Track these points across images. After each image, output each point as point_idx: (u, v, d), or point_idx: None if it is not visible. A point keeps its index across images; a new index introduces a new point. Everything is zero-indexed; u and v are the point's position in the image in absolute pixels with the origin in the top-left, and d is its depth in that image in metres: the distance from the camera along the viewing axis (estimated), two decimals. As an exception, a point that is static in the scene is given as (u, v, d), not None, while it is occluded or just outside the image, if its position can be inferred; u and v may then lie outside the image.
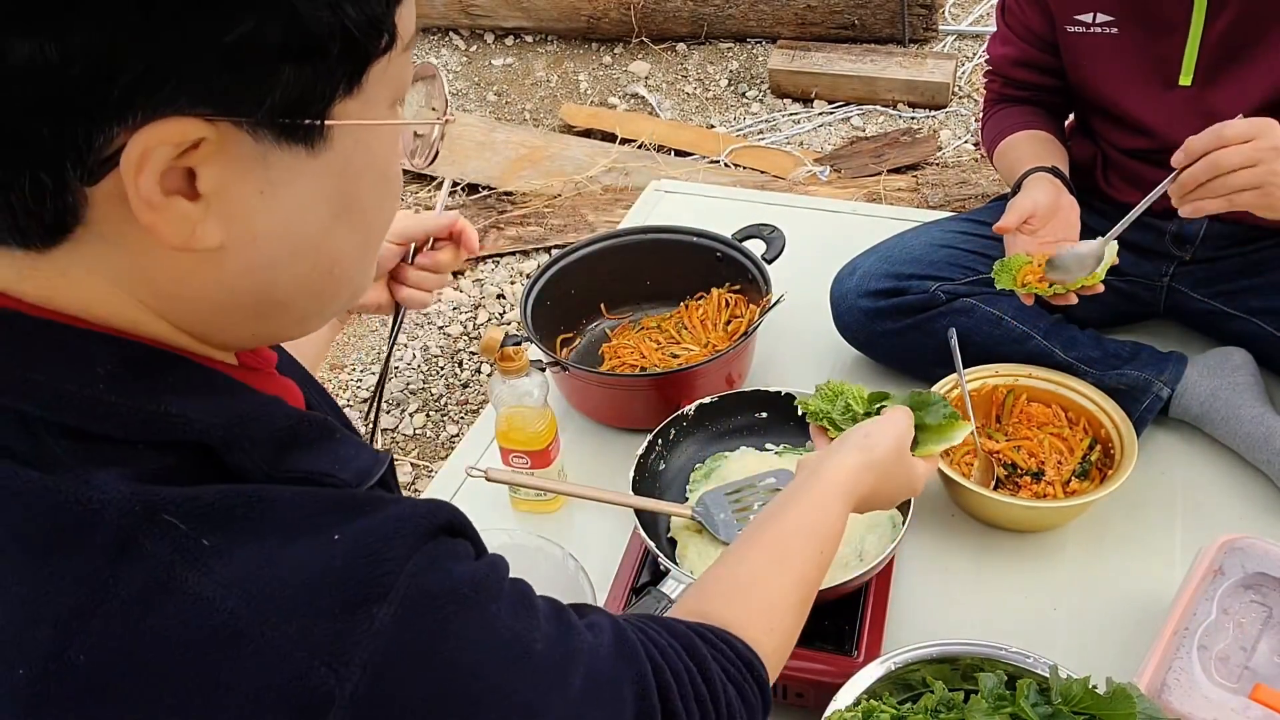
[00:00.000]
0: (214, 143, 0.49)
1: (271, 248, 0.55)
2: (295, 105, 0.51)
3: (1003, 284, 1.44)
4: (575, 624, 0.65)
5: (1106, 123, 1.59)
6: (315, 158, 0.54)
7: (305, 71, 0.50)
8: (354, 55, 0.52)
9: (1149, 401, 1.51)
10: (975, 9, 4.03)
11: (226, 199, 0.52)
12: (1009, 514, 1.41)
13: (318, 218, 0.57)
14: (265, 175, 0.53)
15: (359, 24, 0.51)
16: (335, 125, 0.54)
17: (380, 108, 0.57)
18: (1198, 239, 1.57)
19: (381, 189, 0.60)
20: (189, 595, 0.48)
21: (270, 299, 0.58)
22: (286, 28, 0.48)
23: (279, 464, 0.56)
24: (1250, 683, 1.10)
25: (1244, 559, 1.18)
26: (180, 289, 0.55)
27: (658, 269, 1.79)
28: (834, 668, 1.16)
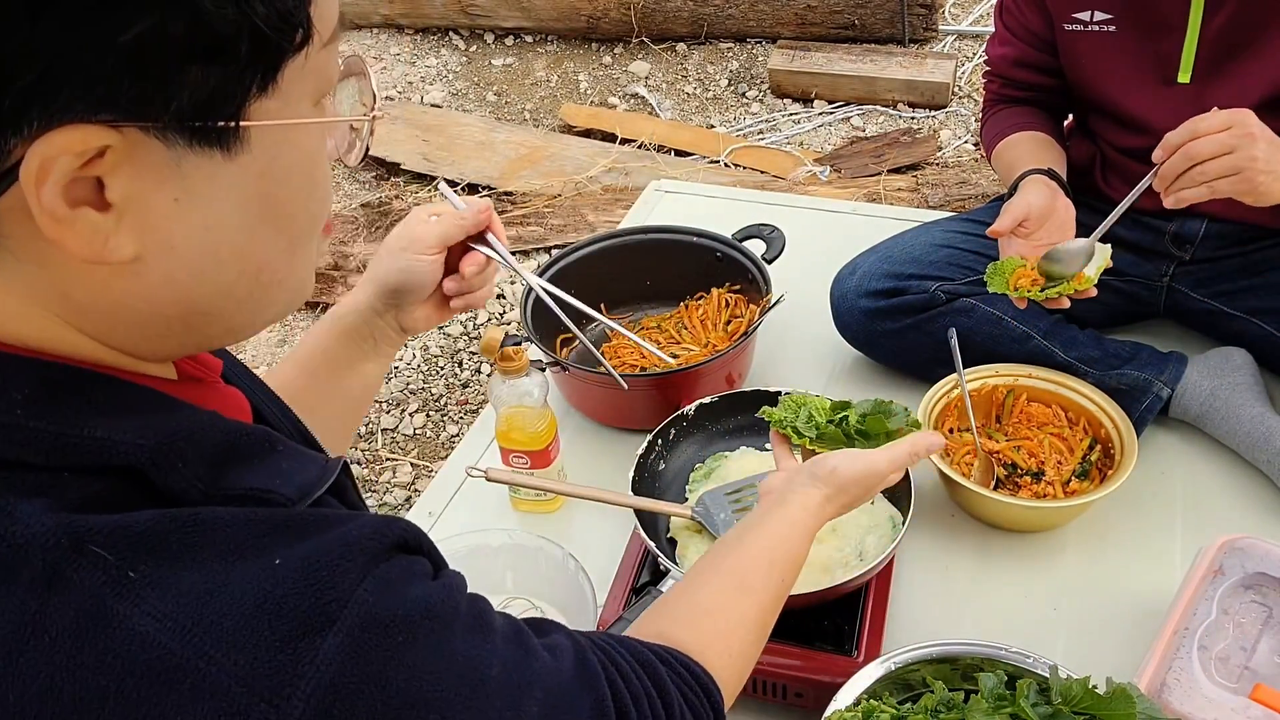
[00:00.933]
0: (121, 150, 0.47)
1: (192, 257, 0.53)
2: (206, 107, 0.49)
3: (995, 287, 1.44)
4: (534, 647, 0.63)
5: (1105, 122, 1.59)
6: (232, 160, 0.51)
7: (214, 71, 0.48)
8: (266, 53, 0.50)
9: (1149, 401, 1.51)
10: (975, 9, 4.03)
11: (139, 208, 0.49)
12: (1009, 514, 1.41)
13: (239, 222, 0.54)
14: (180, 182, 0.50)
15: (269, 20, 0.49)
16: (252, 126, 0.51)
17: (301, 106, 0.54)
18: (1197, 239, 1.57)
19: (308, 190, 0.58)
20: (121, 629, 0.46)
21: (196, 309, 0.55)
22: (190, 26, 0.46)
23: (215, 483, 0.53)
24: (1250, 683, 1.10)
25: (1244, 559, 1.18)
26: (99, 303, 0.52)
27: (658, 269, 1.79)
28: (834, 668, 1.16)
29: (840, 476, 1.00)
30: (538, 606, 1.32)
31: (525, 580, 1.34)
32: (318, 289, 2.94)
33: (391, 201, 3.34)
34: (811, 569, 1.26)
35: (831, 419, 1.13)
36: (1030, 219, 1.47)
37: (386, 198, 3.38)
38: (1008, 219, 1.46)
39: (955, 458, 1.45)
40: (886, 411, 1.14)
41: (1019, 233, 1.48)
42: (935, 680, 1.07)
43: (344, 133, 0.64)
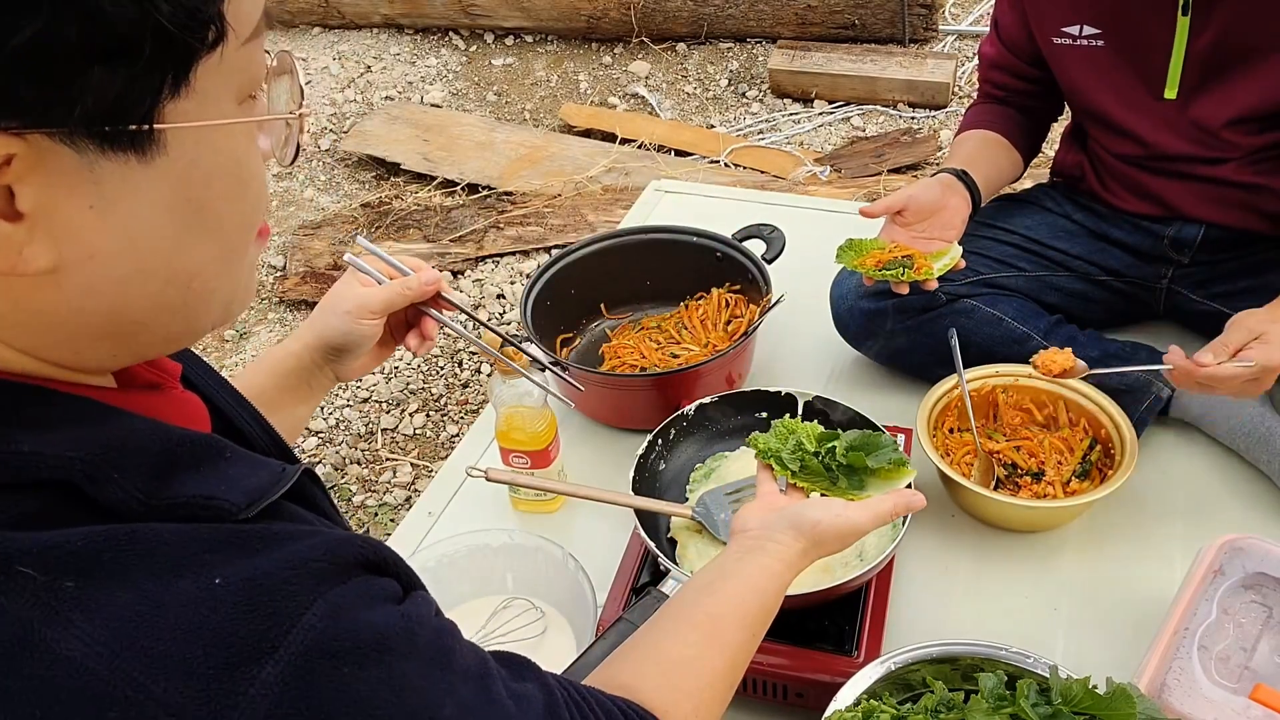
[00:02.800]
0: (27, 158, 0.45)
1: (114, 265, 0.51)
2: (114, 110, 0.47)
3: (842, 261, 1.50)
4: (497, 693, 0.59)
5: (1098, 128, 1.60)
6: (149, 165, 0.49)
7: (118, 73, 0.46)
8: (173, 52, 0.47)
9: (1149, 401, 1.51)
10: (975, 9, 4.03)
11: (53, 217, 0.47)
12: (1009, 514, 1.41)
13: (163, 229, 0.52)
14: (95, 189, 0.48)
15: (174, 18, 0.46)
16: (167, 129, 0.49)
17: (222, 105, 0.52)
18: (1195, 243, 1.58)
19: (236, 191, 0.55)
20: (48, 654, 0.44)
21: (125, 318, 0.53)
22: (86, 26, 0.44)
23: (156, 493, 0.51)
24: (1250, 683, 1.10)
25: (1244, 559, 1.18)
26: (19, 314, 0.50)
27: (658, 269, 1.79)
28: (834, 668, 1.16)
29: (821, 532, 0.96)
30: (538, 606, 1.32)
31: (525, 580, 1.34)
32: (317, 288, 2.94)
33: (391, 201, 3.34)
34: (811, 569, 1.25)
35: (818, 451, 1.11)
36: (909, 210, 1.51)
37: (387, 198, 3.38)
38: (880, 205, 1.52)
39: (955, 458, 1.45)
40: (874, 445, 1.12)
41: (898, 221, 1.52)
42: (935, 680, 1.07)
43: (278, 131, 0.61)
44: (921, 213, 1.52)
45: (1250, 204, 1.51)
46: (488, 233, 3.05)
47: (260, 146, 0.58)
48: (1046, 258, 1.65)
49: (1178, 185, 1.54)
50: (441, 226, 3.09)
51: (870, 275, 1.48)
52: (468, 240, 3.03)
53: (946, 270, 1.46)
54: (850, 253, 1.51)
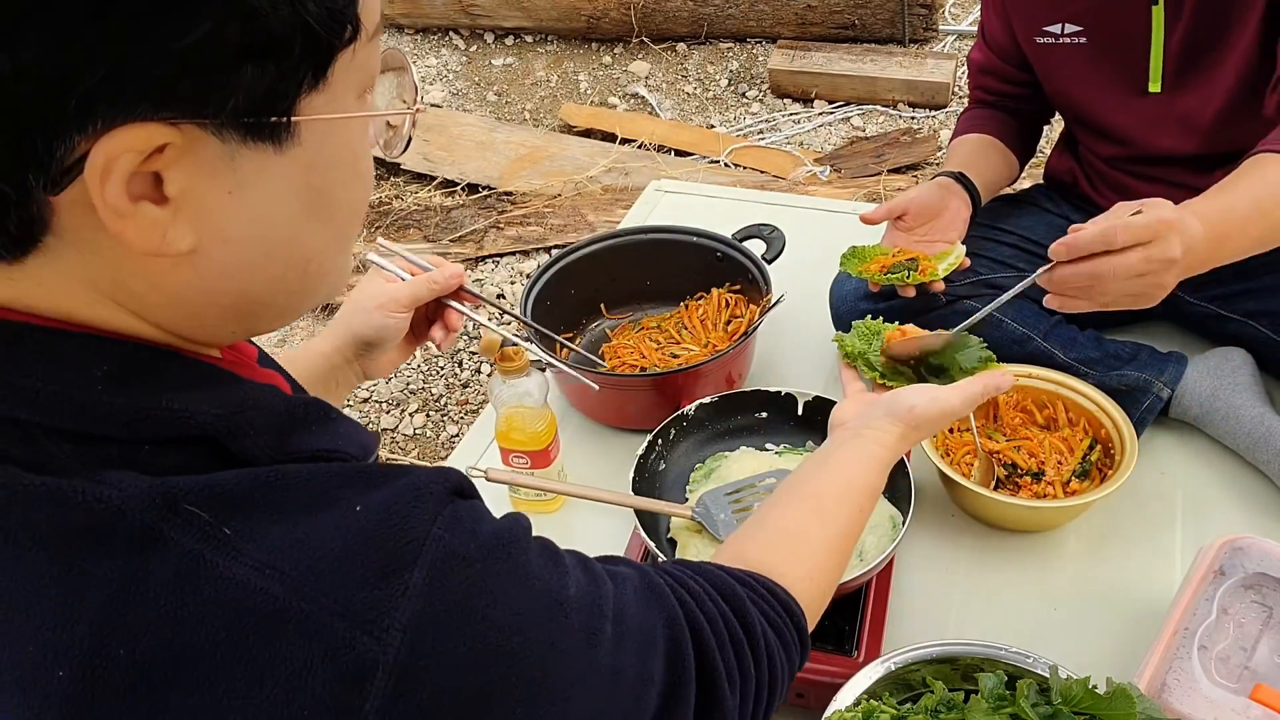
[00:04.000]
0: (179, 146, 0.49)
1: (245, 248, 0.55)
2: (260, 104, 0.51)
3: (846, 269, 1.52)
4: (600, 573, 0.66)
5: (1085, 131, 1.61)
6: (283, 154, 0.53)
7: (268, 69, 0.50)
8: (317, 50, 0.52)
9: (1149, 402, 1.51)
10: (975, 9, 4.03)
11: (195, 202, 0.51)
12: (1009, 514, 1.41)
13: (289, 215, 0.56)
14: (233, 176, 0.52)
15: (320, 18, 0.50)
16: (302, 121, 0.53)
17: (347, 100, 0.56)
18: None
19: (352, 181, 0.60)
20: (223, 579, 0.49)
21: (248, 298, 0.58)
22: (245, 27, 0.48)
23: (285, 447, 0.56)
24: (1250, 683, 1.10)
25: (1244, 559, 1.18)
26: (156, 292, 0.54)
27: (658, 269, 1.79)
28: (834, 668, 1.16)
29: (917, 416, 1.01)
30: (538, 606, 1.32)
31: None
32: (318, 289, 2.94)
33: (392, 201, 3.34)
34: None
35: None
36: (910, 214, 1.52)
37: (387, 197, 3.38)
38: (881, 210, 1.53)
39: (955, 458, 1.45)
40: (963, 345, 1.14)
41: (900, 226, 1.54)
42: (935, 680, 1.07)
43: (381, 126, 0.65)
44: (922, 216, 1.52)
45: None
46: (488, 233, 3.05)
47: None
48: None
49: (1170, 191, 1.54)
50: (441, 226, 3.09)
51: (876, 280, 1.49)
52: (468, 240, 3.03)
53: (952, 270, 1.47)
54: (854, 260, 1.52)
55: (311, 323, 2.88)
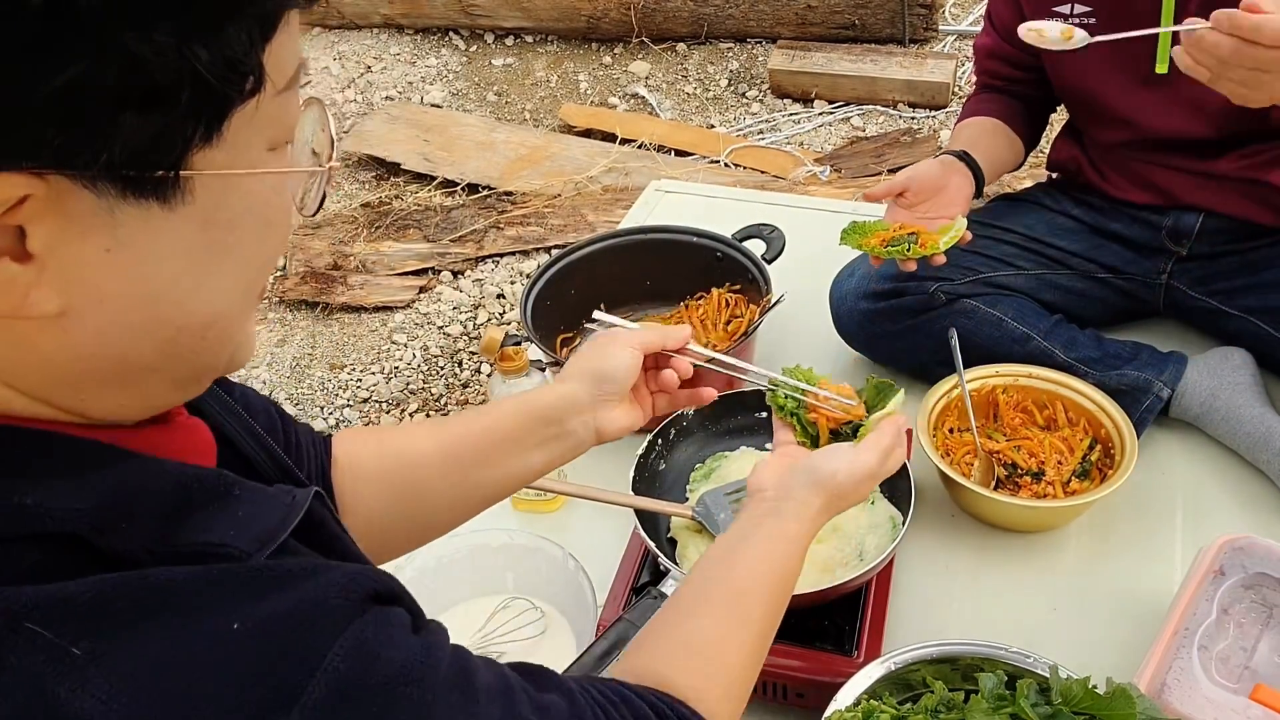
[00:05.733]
0: (44, 199, 0.43)
1: (126, 311, 0.48)
2: (142, 157, 0.45)
3: (846, 243, 1.52)
4: (522, 710, 0.58)
5: (1089, 116, 1.61)
6: (173, 210, 0.47)
7: (151, 120, 0.44)
8: (210, 101, 0.46)
9: (1149, 402, 1.51)
10: (975, 9, 4.03)
11: (65, 259, 0.45)
12: (1009, 514, 1.41)
13: (181, 274, 0.49)
14: (112, 233, 0.46)
15: (213, 68, 0.44)
16: (195, 175, 0.47)
17: (252, 153, 0.50)
18: (1194, 233, 1.58)
19: (262, 234, 0.53)
20: (65, 714, 0.43)
21: (134, 366, 0.51)
22: (124, 73, 0.42)
23: (166, 540, 0.49)
24: (1251, 683, 1.10)
25: (1244, 559, 1.18)
26: (25, 357, 0.48)
27: (658, 269, 1.79)
28: (834, 668, 1.16)
29: (840, 485, 0.95)
30: (538, 606, 1.32)
31: (525, 580, 1.34)
32: (317, 288, 2.94)
33: (392, 201, 3.34)
34: (811, 569, 1.26)
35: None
36: (911, 190, 1.52)
37: (386, 197, 3.38)
38: (882, 187, 1.54)
39: (955, 458, 1.45)
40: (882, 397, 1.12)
41: (901, 202, 1.54)
42: (935, 680, 1.07)
43: (304, 179, 0.59)
44: (923, 192, 1.53)
45: (1249, 192, 1.51)
46: (488, 233, 3.05)
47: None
48: (1046, 256, 1.65)
49: (1176, 175, 1.55)
50: (441, 226, 3.09)
51: (876, 254, 1.49)
52: (468, 240, 3.03)
53: (952, 244, 1.47)
54: (855, 234, 1.52)
55: (311, 323, 2.87)
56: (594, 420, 0.98)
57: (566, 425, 0.97)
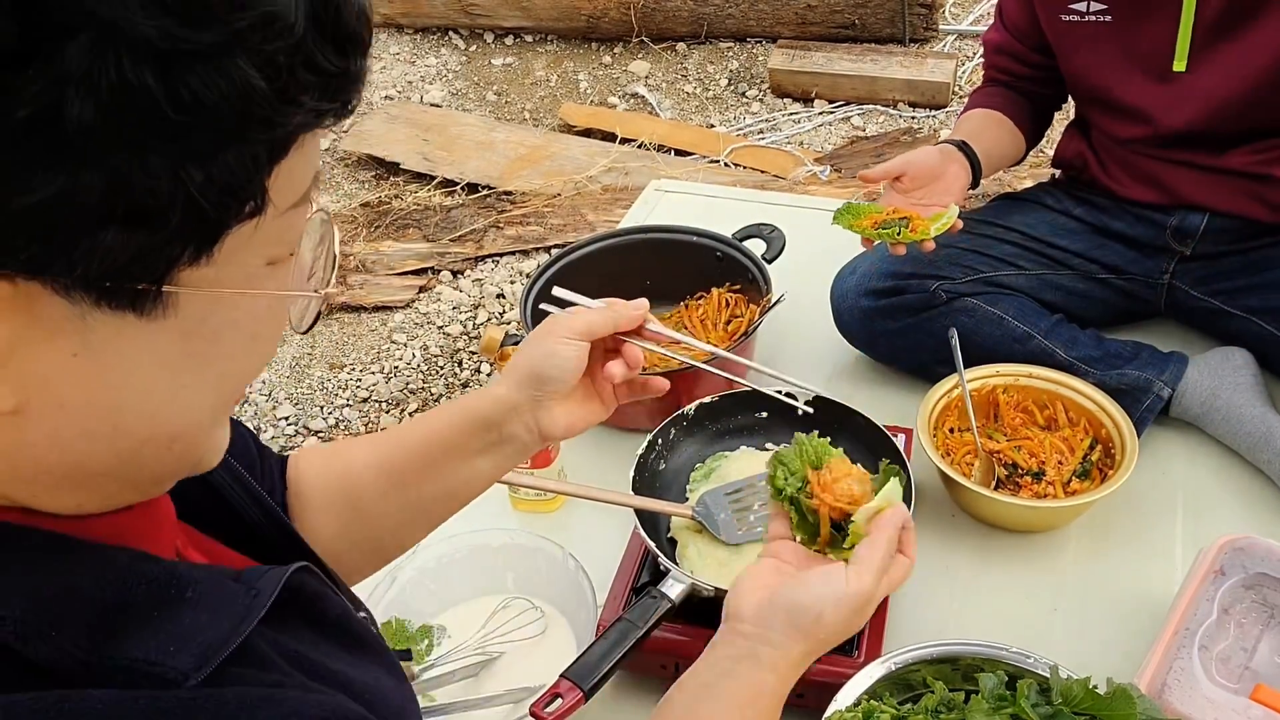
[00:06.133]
0: (10, 299, 0.40)
1: (87, 417, 0.45)
2: (122, 271, 0.41)
3: (838, 223, 1.52)
4: None
5: (1103, 112, 1.60)
6: (151, 321, 0.43)
7: (135, 237, 0.40)
8: (202, 224, 0.42)
9: (1150, 401, 1.50)
10: (975, 9, 4.03)
11: (26, 359, 0.41)
12: (1010, 514, 1.40)
13: (154, 386, 0.46)
14: (81, 338, 0.42)
15: (208, 192, 0.40)
16: (179, 291, 0.43)
17: (247, 269, 0.46)
18: (1198, 234, 1.58)
19: (249, 348, 0.49)
20: None
21: (89, 471, 0.47)
22: (109, 192, 0.38)
23: (98, 650, 0.44)
24: (1251, 683, 1.10)
25: (1245, 559, 1.18)
26: None
27: (658, 269, 1.79)
28: (834, 668, 1.16)
29: (825, 629, 0.83)
30: (538, 606, 1.32)
31: (525, 580, 1.34)
32: (317, 289, 2.93)
33: (391, 201, 3.34)
34: (812, 569, 1.26)
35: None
36: (908, 176, 1.53)
37: (386, 197, 3.38)
38: (880, 169, 1.54)
39: (956, 458, 1.45)
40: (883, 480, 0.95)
41: (897, 187, 1.54)
42: (936, 680, 1.07)
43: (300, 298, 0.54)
44: (919, 179, 1.53)
45: (1254, 192, 1.51)
46: (488, 232, 3.04)
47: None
48: (1047, 256, 1.65)
49: (1182, 171, 1.54)
50: (441, 226, 3.09)
51: (867, 236, 1.49)
52: (468, 240, 3.03)
53: (943, 231, 1.47)
54: (848, 215, 1.52)
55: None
56: (535, 422, 0.90)
57: (506, 430, 0.89)
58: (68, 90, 0.35)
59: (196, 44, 0.37)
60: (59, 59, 0.35)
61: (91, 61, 0.35)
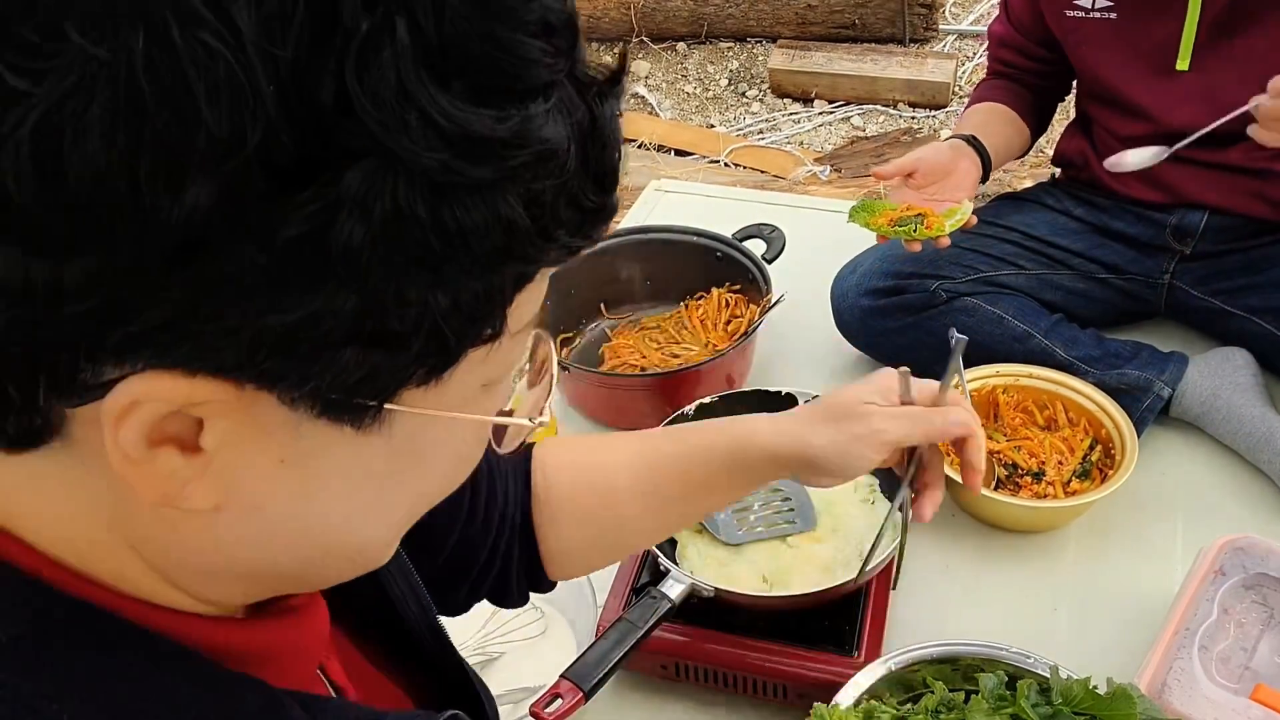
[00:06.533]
0: (233, 402, 0.39)
1: (280, 523, 0.44)
2: (351, 387, 0.40)
3: (854, 220, 1.53)
4: None
5: (1105, 108, 1.61)
6: (363, 434, 0.42)
7: (373, 357, 0.39)
8: (442, 350, 0.41)
9: (1150, 401, 1.50)
10: (975, 9, 4.03)
11: (234, 461, 0.41)
12: (1010, 514, 1.40)
13: (346, 498, 0.45)
14: (293, 446, 0.41)
15: (454, 319, 0.39)
16: (398, 411, 0.42)
17: (467, 391, 0.45)
18: (1198, 232, 1.58)
19: (451, 469, 0.49)
20: None
21: (271, 571, 0.47)
22: (358, 314, 0.37)
23: None
24: (1251, 683, 1.10)
25: (1245, 559, 1.18)
26: (159, 537, 0.44)
27: (658, 269, 1.79)
28: (834, 668, 1.16)
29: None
30: (538, 606, 1.32)
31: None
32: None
33: (391, 201, 3.34)
34: (812, 569, 1.26)
35: None
36: (920, 172, 1.54)
37: (386, 197, 3.39)
38: (893, 166, 1.55)
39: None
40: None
41: (909, 183, 1.55)
42: (936, 680, 1.07)
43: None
44: (931, 175, 1.54)
45: (1255, 190, 1.52)
46: (488, 232, 3.05)
47: None
48: (1047, 255, 1.65)
49: (1183, 168, 1.55)
50: (441, 226, 3.10)
51: (884, 233, 1.50)
52: (468, 240, 3.04)
53: (958, 227, 1.48)
54: (864, 213, 1.53)
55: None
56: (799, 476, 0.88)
57: (750, 476, 0.88)
58: (340, 214, 0.35)
59: (471, 178, 0.36)
60: (337, 183, 0.34)
61: (369, 188, 0.35)
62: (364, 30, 0.33)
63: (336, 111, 0.33)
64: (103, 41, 0.31)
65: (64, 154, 0.31)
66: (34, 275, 0.33)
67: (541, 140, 0.37)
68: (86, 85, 0.31)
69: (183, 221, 0.33)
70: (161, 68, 0.31)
